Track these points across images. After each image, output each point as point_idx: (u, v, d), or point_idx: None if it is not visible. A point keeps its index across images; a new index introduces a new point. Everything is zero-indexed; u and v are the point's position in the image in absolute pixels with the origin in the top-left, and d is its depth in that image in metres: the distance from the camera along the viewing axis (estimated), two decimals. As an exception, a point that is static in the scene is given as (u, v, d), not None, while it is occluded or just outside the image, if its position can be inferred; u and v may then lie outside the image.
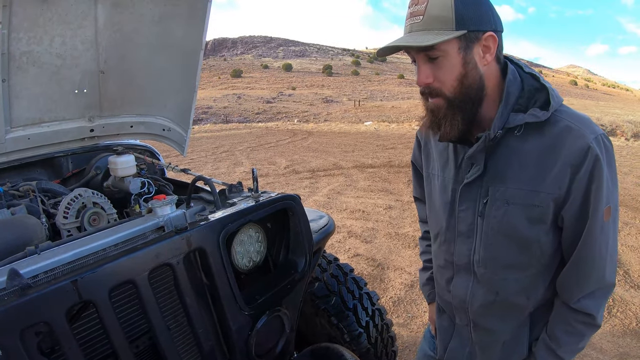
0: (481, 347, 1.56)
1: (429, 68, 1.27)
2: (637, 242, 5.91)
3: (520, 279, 1.40)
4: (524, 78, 1.34)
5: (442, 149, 1.54)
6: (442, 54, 1.22)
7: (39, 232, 1.67)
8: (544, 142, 1.27)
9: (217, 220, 1.51)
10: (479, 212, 1.40)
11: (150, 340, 1.45)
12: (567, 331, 1.39)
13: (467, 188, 1.41)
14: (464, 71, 1.25)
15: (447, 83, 1.26)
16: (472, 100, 1.29)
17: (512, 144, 1.31)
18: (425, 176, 1.66)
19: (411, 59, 1.32)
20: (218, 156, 15.24)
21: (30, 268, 1.24)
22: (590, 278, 1.34)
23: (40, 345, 1.17)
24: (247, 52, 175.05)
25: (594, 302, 1.36)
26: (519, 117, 1.27)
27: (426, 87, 1.30)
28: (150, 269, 1.26)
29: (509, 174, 1.32)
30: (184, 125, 2.91)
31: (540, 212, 1.29)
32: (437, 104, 1.31)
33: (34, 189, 2.12)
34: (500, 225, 1.35)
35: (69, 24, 2.23)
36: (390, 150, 15.11)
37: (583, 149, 1.22)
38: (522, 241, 1.34)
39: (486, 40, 1.24)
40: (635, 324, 4.03)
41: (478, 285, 1.47)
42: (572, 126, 1.25)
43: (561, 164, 1.24)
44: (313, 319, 2.49)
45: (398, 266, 5.30)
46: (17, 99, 2.29)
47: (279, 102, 62.77)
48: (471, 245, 1.45)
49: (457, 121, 1.29)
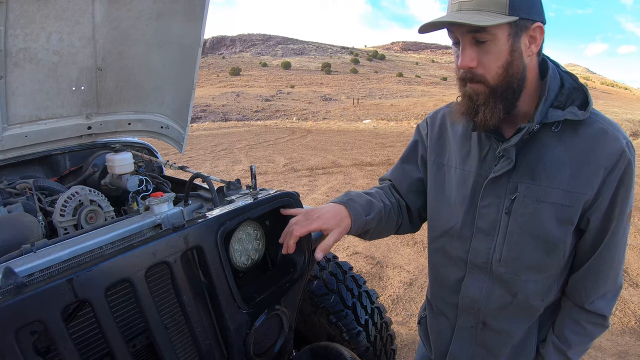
0: (488, 349, 1.51)
1: (474, 52, 1.22)
2: (635, 242, 5.93)
3: (539, 281, 1.37)
4: (563, 76, 1.32)
5: (463, 141, 1.48)
6: (492, 39, 1.18)
7: (35, 230, 1.66)
8: (579, 143, 1.25)
9: (215, 218, 1.49)
10: (505, 209, 1.35)
11: (147, 339, 1.44)
12: (578, 332, 1.38)
13: (493, 183, 1.36)
14: (510, 59, 1.22)
15: (492, 70, 1.22)
16: (513, 90, 1.26)
17: (547, 141, 1.29)
18: (436, 167, 1.57)
19: (453, 39, 1.27)
20: (216, 154, 15.25)
21: (25, 266, 1.22)
22: (608, 280, 1.33)
23: (36, 344, 1.15)
24: (246, 50, 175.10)
25: (607, 303, 1.36)
26: (557, 113, 1.25)
27: (468, 72, 1.25)
28: (147, 267, 1.25)
29: (541, 172, 1.29)
30: (182, 123, 2.90)
31: (570, 213, 1.27)
32: (477, 90, 1.26)
33: (31, 186, 2.10)
34: (528, 224, 1.31)
35: (66, 20, 2.21)
36: (389, 148, 15.13)
37: (618, 152, 1.21)
38: (548, 242, 1.31)
39: (534, 30, 1.22)
40: (634, 323, 4.04)
41: (495, 285, 1.42)
42: (607, 129, 1.24)
43: (595, 165, 1.23)
44: (312, 317, 2.48)
45: (397, 264, 5.30)
46: (14, 96, 2.27)
47: (277, 100, 62.76)
48: (491, 243, 1.39)
49: (498, 109, 1.26)
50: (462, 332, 1.55)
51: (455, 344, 1.58)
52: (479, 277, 1.45)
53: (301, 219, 1.44)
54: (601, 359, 3.53)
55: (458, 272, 1.50)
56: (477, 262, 1.44)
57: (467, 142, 1.47)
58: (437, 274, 1.62)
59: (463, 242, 1.46)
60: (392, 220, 1.63)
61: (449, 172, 1.52)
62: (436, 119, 1.61)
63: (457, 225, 1.47)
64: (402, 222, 1.68)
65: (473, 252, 1.44)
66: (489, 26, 1.15)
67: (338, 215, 1.44)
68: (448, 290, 1.55)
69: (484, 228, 1.40)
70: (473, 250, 1.44)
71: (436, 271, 1.62)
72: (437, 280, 1.63)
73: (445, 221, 1.52)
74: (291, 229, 1.42)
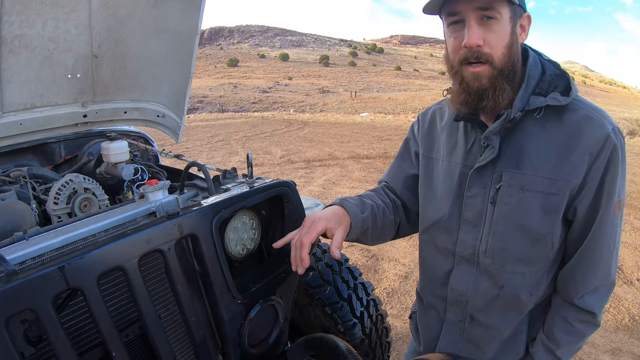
0: (476, 344, 1.50)
1: (482, 30, 1.19)
2: (630, 239, 5.94)
3: (526, 274, 1.36)
4: (544, 64, 1.32)
5: (449, 133, 1.49)
6: (499, 17, 1.18)
7: (28, 217, 1.64)
8: (563, 129, 1.25)
9: (210, 206, 1.47)
10: (490, 199, 1.34)
11: (140, 329, 1.42)
12: (566, 331, 1.36)
13: (478, 173, 1.36)
14: (511, 41, 1.22)
15: (498, 50, 1.21)
16: (515, 72, 1.26)
17: (530, 129, 1.29)
18: (425, 161, 1.57)
19: (452, 20, 1.25)
20: (213, 145, 15.22)
21: (17, 254, 1.21)
22: (597, 273, 1.31)
23: (27, 333, 1.14)
24: (244, 41, 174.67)
25: (597, 300, 1.34)
26: (539, 99, 1.25)
27: (475, 51, 1.21)
28: (141, 256, 1.23)
29: (525, 160, 1.28)
30: (179, 112, 2.88)
31: (556, 201, 1.26)
32: (481, 73, 1.23)
33: (25, 174, 2.08)
34: (513, 214, 1.30)
35: (62, 7, 2.18)
36: (386, 141, 15.11)
37: (603, 138, 1.20)
38: (534, 233, 1.30)
39: (523, 19, 1.25)
40: (627, 320, 4.05)
41: (481, 277, 1.41)
42: (592, 115, 1.23)
43: (580, 151, 1.22)
44: (307, 308, 2.47)
45: (392, 257, 5.31)
46: (9, 84, 2.25)
47: (275, 91, 62.74)
48: (478, 234, 1.39)
49: (506, 90, 1.24)
50: (451, 327, 1.54)
51: (444, 339, 1.57)
52: (466, 269, 1.44)
53: (303, 229, 1.39)
54: (595, 355, 3.55)
55: (446, 264, 1.50)
56: (464, 254, 1.44)
57: (454, 135, 1.47)
58: (426, 267, 1.62)
59: (450, 233, 1.46)
60: (388, 220, 1.61)
61: (437, 164, 1.52)
62: (427, 115, 1.62)
63: (445, 217, 1.47)
64: (400, 221, 1.67)
65: (460, 244, 1.44)
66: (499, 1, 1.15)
67: (337, 214, 1.43)
68: (437, 283, 1.55)
69: (470, 219, 1.40)
70: (460, 242, 1.44)
71: (425, 264, 1.62)
72: (426, 273, 1.63)
73: (433, 213, 1.52)
74: (299, 241, 1.35)
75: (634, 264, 5.16)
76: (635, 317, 4.08)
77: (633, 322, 4.02)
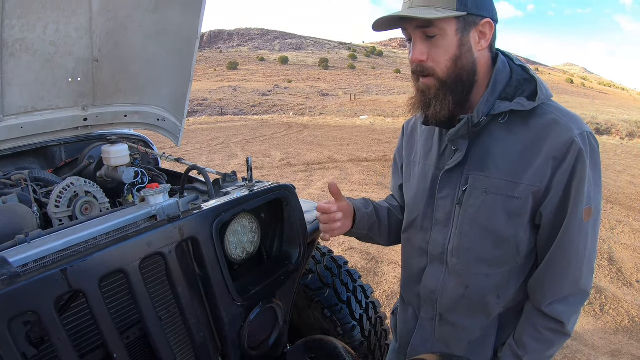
0: (446, 343, 1.52)
1: (425, 46, 1.26)
2: (630, 241, 5.94)
3: (491, 275, 1.38)
4: (513, 69, 1.34)
5: (427, 137, 1.54)
6: (440, 33, 1.23)
7: (29, 220, 1.65)
8: (528, 134, 1.26)
9: (211, 210, 1.49)
10: (457, 200, 1.38)
11: (141, 331, 1.43)
12: (535, 338, 1.35)
13: (448, 175, 1.41)
14: (458, 53, 1.25)
15: (441, 63, 1.26)
16: (463, 83, 1.29)
17: (496, 133, 1.31)
18: (406, 165, 1.65)
19: (407, 37, 1.31)
20: (213, 148, 15.23)
21: (19, 256, 1.22)
22: (565, 280, 1.30)
23: (29, 334, 1.15)
24: (243, 44, 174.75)
25: (566, 309, 1.32)
26: (504, 104, 1.28)
27: (419, 65, 1.29)
28: (142, 258, 1.24)
29: (490, 163, 1.31)
30: (179, 115, 2.89)
31: (519, 205, 1.27)
32: (428, 83, 1.30)
33: (26, 177, 2.09)
34: (477, 215, 1.34)
35: (63, 10, 2.19)
36: (386, 144, 15.12)
37: (567, 142, 1.20)
38: (497, 234, 1.32)
39: (483, 26, 1.26)
40: (627, 322, 4.06)
41: (449, 276, 1.45)
42: (558, 120, 1.24)
43: (544, 156, 1.23)
44: (306, 311, 2.48)
45: (392, 260, 5.31)
46: (10, 87, 2.26)
47: (274, 94, 62.71)
48: (447, 234, 1.43)
49: (448, 101, 1.29)
50: (424, 324, 1.58)
51: (417, 336, 1.61)
52: (437, 267, 1.49)
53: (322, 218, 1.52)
54: (594, 357, 3.55)
55: (421, 262, 1.55)
56: (435, 253, 1.48)
57: (431, 139, 1.53)
58: (405, 265, 1.67)
59: (425, 233, 1.52)
60: (395, 218, 1.72)
61: (415, 167, 1.58)
62: (410, 123, 1.69)
63: (420, 217, 1.53)
64: None
65: (432, 243, 1.49)
66: (436, 19, 1.19)
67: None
68: (413, 280, 1.60)
69: (441, 219, 1.45)
70: (432, 242, 1.49)
71: (405, 262, 1.67)
72: (405, 271, 1.67)
73: (410, 213, 1.58)
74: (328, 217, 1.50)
75: (633, 265, 5.17)
76: (635, 319, 4.09)
77: (633, 324, 4.02)
